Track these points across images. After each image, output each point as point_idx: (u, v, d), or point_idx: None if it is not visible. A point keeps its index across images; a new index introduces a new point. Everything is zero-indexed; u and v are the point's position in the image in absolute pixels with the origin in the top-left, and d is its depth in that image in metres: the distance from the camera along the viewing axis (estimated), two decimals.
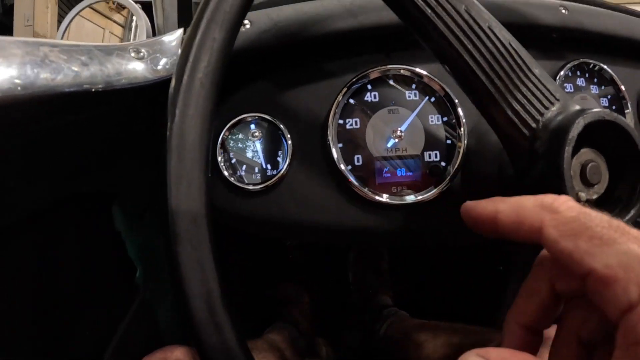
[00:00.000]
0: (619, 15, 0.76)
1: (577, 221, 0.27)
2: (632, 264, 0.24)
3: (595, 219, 0.27)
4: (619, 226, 0.26)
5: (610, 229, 0.26)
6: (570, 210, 0.28)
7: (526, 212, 0.30)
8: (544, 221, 0.29)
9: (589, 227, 0.26)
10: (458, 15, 0.41)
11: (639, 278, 0.24)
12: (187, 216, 0.34)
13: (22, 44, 0.40)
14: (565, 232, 0.27)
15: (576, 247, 0.26)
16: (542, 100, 0.43)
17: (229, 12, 0.37)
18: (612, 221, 0.27)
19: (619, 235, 0.25)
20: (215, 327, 0.33)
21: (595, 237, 0.26)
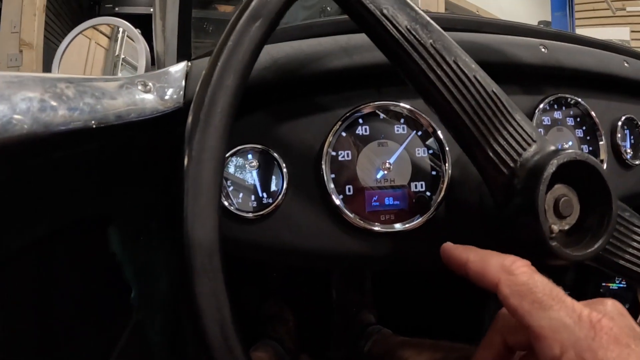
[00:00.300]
0: (595, 52, 0.81)
1: (525, 285, 0.35)
2: (558, 328, 0.32)
3: (540, 285, 0.35)
4: (557, 295, 0.34)
5: (550, 296, 0.34)
6: (523, 275, 0.36)
7: (489, 268, 0.38)
8: (500, 279, 0.37)
9: (533, 292, 0.35)
10: (447, 65, 0.45)
11: (561, 339, 0.32)
12: (202, 251, 0.37)
13: (41, 80, 0.42)
14: (515, 292, 0.36)
15: (521, 306, 0.35)
16: (521, 142, 0.47)
17: (241, 61, 0.40)
18: (554, 289, 0.35)
19: (555, 303, 0.33)
20: (228, 350, 0.36)
21: (537, 301, 0.34)
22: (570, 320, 0.32)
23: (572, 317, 0.32)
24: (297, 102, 0.63)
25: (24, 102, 0.39)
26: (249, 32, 0.40)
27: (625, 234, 0.49)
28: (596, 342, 0.31)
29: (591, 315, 0.32)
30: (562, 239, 0.46)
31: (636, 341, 0.31)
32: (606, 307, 0.34)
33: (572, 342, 0.31)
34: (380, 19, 0.43)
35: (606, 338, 0.31)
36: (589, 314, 0.32)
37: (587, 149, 0.78)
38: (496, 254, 0.40)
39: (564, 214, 0.46)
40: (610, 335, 0.31)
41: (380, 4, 0.43)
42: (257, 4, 0.41)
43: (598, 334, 0.31)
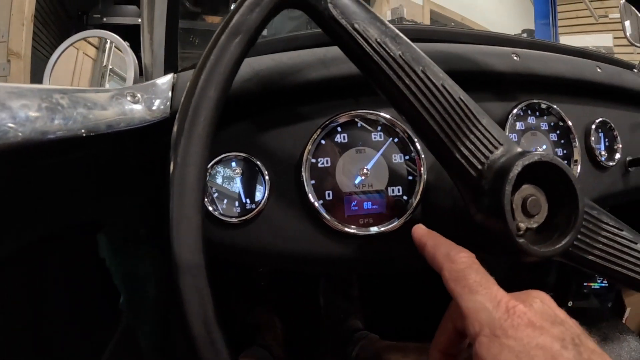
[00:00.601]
0: (567, 59, 0.84)
1: (461, 272, 0.42)
2: (480, 309, 0.38)
3: (474, 274, 0.41)
4: (485, 283, 0.40)
5: (479, 284, 0.40)
6: (462, 264, 0.43)
7: (438, 254, 0.46)
8: (444, 265, 0.44)
9: (466, 278, 0.41)
10: (415, 75, 0.47)
11: (480, 319, 0.38)
12: (186, 250, 0.40)
13: (38, 91, 0.44)
14: (453, 277, 0.42)
15: (455, 289, 0.41)
16: (487, 146, 0.49)
17: (222, 74, 0.43)
18: (484, 279, 0.41)
19: (482, 289, 0.40)
20: (210, 343, 0.39)
21: (467, 286, 0.41)
22: (490, 304, 0.38)
23: (492, 302, 0.38)
24: (278, 112, 0.65)
25: (22, 110, 0.42)
26: (229, 48, 0.43)
27: (593, 231, 0.52)
28: (508, 323, 0.36)
29: (509, 302, 0.38)
30: (531, 236, 0.48)
31: (553, 324, 0.36)
32: (528, 297, 0.39)
33: (488, 321, 0.37)
34: (351, 34, 0.46)
35: (519, 321, 0.36)
36: (507, 301, 0.38)
37: (562, 152, 0.81)
38: (448, 243, 0.47)
39: (532, 212, 0.48)
40: (524, 318, 0.36)
41: (352, 19, 0.46)
42: (237, 21, 0.43)
43: (511, 317, 0.36)
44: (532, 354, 0.34)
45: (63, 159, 0.52)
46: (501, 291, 0.40)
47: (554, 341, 0.35)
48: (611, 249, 0.53)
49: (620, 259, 0.53)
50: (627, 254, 0.53)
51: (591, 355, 0.35)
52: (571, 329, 0.37)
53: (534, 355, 0.34)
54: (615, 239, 0.53)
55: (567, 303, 1.37)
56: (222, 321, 0.40)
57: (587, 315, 1.33)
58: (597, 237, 0.52)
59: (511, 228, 0.45)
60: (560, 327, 0.36)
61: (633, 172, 0.91)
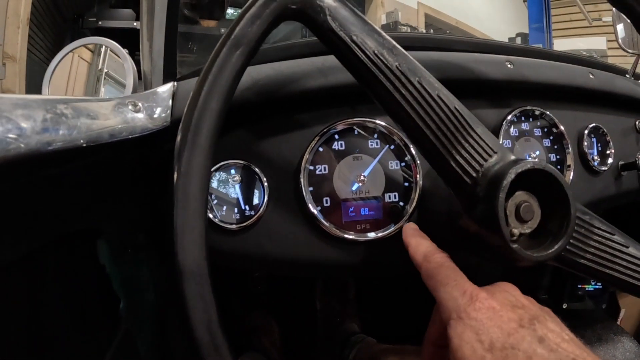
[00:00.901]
0: (560, 66, 0.85)
1: (435, 270, 0.48)
2: (449, 299, 0.44)
3: (445, 271, 0.47)
4: (455, 277, 0.45)
5: (450, 278, 0.46)
6: (436, 262, 0.48)
7: (417, 254, 0.52)
8: (421, 264, 0.50)
9: (440, 274, 0.47)
10: (412, 86, 0.48)
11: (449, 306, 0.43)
12: (190, 257, 0.41)
13: (42, 102, 0.45)
14: (428, 274, 0.48)
15: (431, 283, 0.47)
16: (482, 154, 0.50)
17: (224, 85, 0.44)
18: (453, 274, 0.46)
19: (451, 282, 0.45)
20: (215, 349, 0.40)
21: (439, 281, 0.46)
22: (458, 293, 0.43)
23: (459, 291, 0.44)
24: (277, 120, 0.66)
25: (27, 122, 0.42)
26: (231, 60, 0.44)
27: (585, 235, 0.53)
28: (471, 307, 0.41)
29: (473, 291, 0.43)
30: (525, 241, 0.49)
31: (514, 308, 0.41)
32: (493, 287, 0.45)
33: (455, 307, 0.43)
34: (350, 45, 0.47)
35: (480, 305, 0.41)
36: (472, 291, 0.43)
37: (555, 157, 0.82)
38: (427, 245, 0.53)
39: (525, 218, 0.48)
40: (485, 303, 0.41)
41: (350, 31, 0.47)
42: (238, 34, 0.45)
43: (474, 302, 0.42)
44: (489, 332, 0.39)
45: (66, 168, 0.52)
46: (468, 283, 0.45)
47: (512, 321, 0.40)
48: (603, 252, 0.53)
49: (612, 262, 0.54)
50: (618, 257, 0.54)
51: (547, 333, 0.39)
52: (531, 312, 0.42)
53: (492, 332, 0.39)
54: (607, 242, 0.54)
55: (562, 305, 1.37)
56: (225, 326, 0.41)
57: (581, 317, 1.34)
58: (589, 241, 0.53)
59: (505, 234, 0.46)
60: (520, 310, 0.41)
61: (625, 176, 0.92)
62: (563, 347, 0.38)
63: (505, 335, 0.39)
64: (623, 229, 0.57)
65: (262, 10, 0.45)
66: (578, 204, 0.52)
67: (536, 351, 0.37)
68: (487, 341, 0.39)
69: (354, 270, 0.69)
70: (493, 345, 0.38)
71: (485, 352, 0.38)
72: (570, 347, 0.38)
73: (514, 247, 0.46)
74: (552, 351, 0.37)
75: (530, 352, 0.37)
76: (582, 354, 0.38)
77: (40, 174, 0.49)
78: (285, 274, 1.09)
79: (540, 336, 0.39)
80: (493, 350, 0.38)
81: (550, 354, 0.37)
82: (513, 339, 0.38)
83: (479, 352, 0.39)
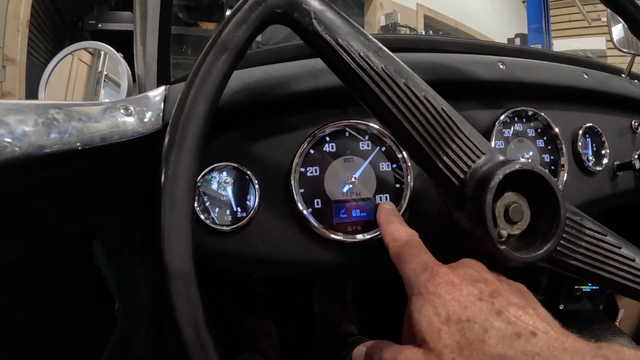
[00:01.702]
0: (554, 66, 0.86)
1: (400, 248, 0.49)
2: (412, 274, 0.45)
3: (409, 247, 0.49)
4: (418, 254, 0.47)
5: (413, 255, 0.47)
6: (401, 241, 0.51)
7: (386, 234, 0.54)
8: (389, 243, 0.52)
9: (404, 252, 0.48)
10: (398, 88, 0.48)
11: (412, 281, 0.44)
12: (177, 258, 0.41)
13: (35, 107, 0.46)
14: (394, 252, 0.50)
15: (397, 261, 0.49)
16: (470, 155, 0.50)
17: (210, 89, 0.44)
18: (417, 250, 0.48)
19: (414, 258, 0.46)
20: (200, 347, 0.41)
21: (404, 258, 0.48)
22: (420, 269, 0.44)
23: (421, 267, 0.45)
24: (268, 122, 0.67)
25: (19, 126, 0.43)
26: (217, 64, 0.45)
27: (576, 236, 0.52)
28: (430, 282, 0.42)
29: (435, 266, 0.44)
30: (514, 242, 0.49)
31: (474, 283, 0.42)
32: (456, 263, 0.46)
33: (416, 283, 0.44)
34: (335, 49, 0.47)
35: (439, 280, 0.42)
36: (434, 266, 0.44)
37: (549, 158, 0.83)
38: (395, 223, 0.55)
39: (514, 219, 0.48)
40: (444, 278, 0.42)
41: (336, 34, 0.47)
42: (224, 38, 0.45)
43: (434, 277, 0.42)
44: (447, 305, 0.40)
45: (60, 171, 0.53)
46: (432, 260, 0.46)
47: (470, 295, 0.40)
48: (594, 253, 0.53)
49: (604, 263, 0.54)
50: (610, 258, 0.54)
51: (508, 306, 0.39)
52: (492, 286, 0.42)
53: (449, 306, 0.40)
54: (598, 243, 0.54)
55: (559, 306, 1.37)
56: (212, 326, 0.42)
57: (579, 317, 1.34)
58: (580, 242, 0.53)
59: (492, 235, 0.46)
60: (480, 284, 0.42)
61: (621, 176, 0.92)
62: (523, 319, 0.38)
63: (462, 308, 0.39)
64: (619, 229, 0.57)
65: (248, 14, 0.45)
66: (569, 205, 0.52)
67: (493, 324, 0.38)
68: (444, 314, 0.39)
69: (345, 271, 0.69)
70: (449, 318, 0.39)
71: (441, 325, 0.39)
72: (531, 319, 0.38)
73: (501, 248, 0.46)
74: (509, 323, 0.38)
75: (487, 324, 0.38)
76: (544, 327, 0.38)
77: (35, 176, 0.50)
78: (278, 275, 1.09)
79: (498, 309, 0.39)
80: (449, 322, 0.39)
81: (507, 327, 0.37)
82: (470, 311, 0.39)
83: (436, 325, 0.39)
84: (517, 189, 0.50)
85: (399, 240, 0.51)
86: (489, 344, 0.37)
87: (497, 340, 0.37)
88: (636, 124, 0.97)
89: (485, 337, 0.37)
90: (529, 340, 0.36)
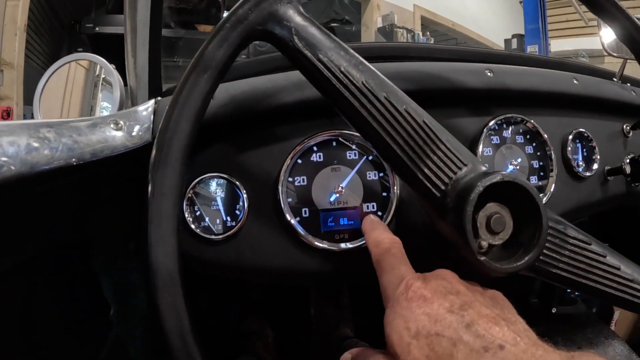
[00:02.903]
0: (543, 72, 0.86)
1: (381, 256, 0.50)
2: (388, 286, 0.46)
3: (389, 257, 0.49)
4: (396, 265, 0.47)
5: (392, 265, 0.48)
6: (382, 248, 0.51)
7: (370, 240, 0.54)
8: (371, 249, 0.52)
9: (385, 261, 0.49)
10: (378, 102, 0.49)
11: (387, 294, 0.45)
12: (163, 270, 0.43)
13: (26, 127, 0.48)
14: (375, 259, 0.51)
15: (377, 269, 0.50)
16: (451, 166, 0.50)
17: (193, 107, 0.46)
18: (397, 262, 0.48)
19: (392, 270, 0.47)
20: (187, 355, 0.42)
21: (383, 267, 0.48)
22: (395, 281, 0.45)
23: (397, 280, 0.45)
24: (255, 134, 0.68)
25: (12, 147, 0.45)
26: (199, 83, 0.46)
27: (559, 245, 0.53)
28: (403, 296, 0.43)
29: (409, 280, 0.44)
30: (497, 252, 0.49)
31: (445, 296, 0.42)
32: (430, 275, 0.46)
33: (392, 295, 0.44)
34: (315, 64, 0.48)
35: (412, 294, 0.42)
36: (409, 279, 0.44)
37: (538, 164, 0.83)
38: (379, 231, 0.55)
39: (496, 230, 0.49)
40: (417, 292, 0.42)
41: (316, 49, 0.48)
42: (206, 57, 0.46)
43: (407, 291, 0.43)
44: (417, 319, 0.40)
45: (54, 185, 0.55)
46: (409, 271, 0.47)
47: (440, 308, 0.40)
48: (578, 262, 0.54)
49: (588, 272, 0.54)
50: (595, 267, 0.54)
51: (478, 318, 0.39)
52: (464, 298, 0.42)
53: (419, 320, 0.40)
54: (582, 252, 0.54)
55: (552, 309, 1.37)
56: (200, 335, 0.43)
57: (572, 320, 1.33)
58: (563, 251, 0.53)
59: (472, 246, 0.46)
60: (452, 296, 0.42)
61: (612, 181, 0.92)
62: (492, 332, 0.38)
63: (432, 323, 0.39)
64: (610, 233, 0.57)
65: (229, 33, 0.46)
66: (552, 214, 0.53)
67: (462, 337, 0.38)
68: (414, 328, 0.40)
69: (331, 279, 0.70)
70: (419, 333, 0.39)
71: (411, 339, 0.39)
72: (500, 332, 0.38)
73: (481, 259, 0.47)
74: (478, 337, 0.38)
75: (456, 338, 0.38)
76: (513, 339, 0.38)
77: (31, 191, 0.51)
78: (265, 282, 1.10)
79: (468, 322, 0.39)
80: (418, 337, 0.39)
81: (476, 340, 0.37)
82: (439, 325, 0.39)
83: (405, 339, 0.40)
84: (500, 199, 0.50)
85: (380, 247, 0.52)
86: (457, 358, 0.37)
87: (465, 355, 0.37)
88: (627, 128, 0.97)
89: (454, 351, 0.37)
90: (496, 354, 0.36)
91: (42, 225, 0.63)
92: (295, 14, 0.48)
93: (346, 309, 1.46)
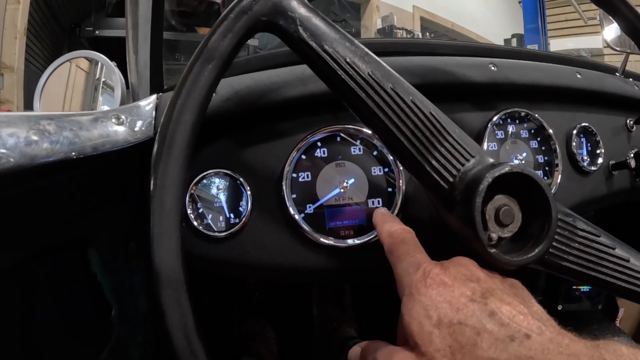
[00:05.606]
0: (546, 66, 0.85)
1: (394, 245, 0.49)
2: (404, 274, 0.45)
3: (403, 247, 0.48)
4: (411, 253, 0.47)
5: (406, 253, 0.47)
6: (396, 238, 0.50)
7: (382, 231, 0.53)
8: (384, 240, 0.52)
9: (398, 250, 0.48)
10: (385, 93, 0.48)
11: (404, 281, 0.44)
12: (167, 265, 0.42)
13: (26, 118, 0.47)
14: (388, 250, 0.50)
15: (390, 258, 0.49)
16: (459, 158, 0.50)
17: (197, 98, 0.45)
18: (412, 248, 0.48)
19: (408, 257, 0.46)
20: (191, 353, 0.41)
21: (397, 256, 0.48)
22: (412, 269, 0.44)
23: (414, 267, 0.44)
24: (259, 129, 0.67)
25: (12, 138, 0.44)
26: (204, 73, 0.45)
27: (569, 238, 0.52)
28: (422, 283, 0.42)
29: (427, 266, 0.43)
30: (506, 245, 0.49)
31: (466, 282, 0.41)
32: (449, 262, 0.45)
33: (408, 283, 0.43)
34: (321, 55, 0.48)
35: (431, 281, 0.41)
36: (426, 266, 0.43)
37: (542, 158, 0.82)
38: (391, 222, 0.54)
39: (505, 222, 0.48)
40: (436, 279, 0.41)
41: (321, 40, 0.47)
42: (210, 48, 0.45)
43: (426, 278, 0.42)
44: (438, 307, 0.39)
45: (54, 180, 0.54)
46: (425, 258, 0.46)
47: (462, 296, 0.40)
48: (588, 254, 0.53)
49: (598, 264, 0.53)
50: (604, 259, 0.53)
51: (501, 306, 0.38)
52: (485, 285, 0.41)
53: (440, 308, 0.39)
54: (591, 244, 0.53)
55: (557, 306, 1.37)
56: (203, 332, 0.42)
57: (578, 318, 1.33)
58: (573, 243, 0.52)
59: (482, 239, 0.46)
60: (473, 284, 0.41)
61: (617, 175, 0.92)
62: (516, 320, 0.37)
63: (454, 311, 0.39)
64: (616, 228, 0.56)
65: (233, 23, 0.46)
66: (561, 206, 0.52)
67: (485, 326, 0.37)
68: (435, 317, 0.39)
69: (337, 276, 0.69)
70: (441, 321, 0.38)
71: (432, 328, 0.38)
72: (525, 320, 0.37)
73: (491, 252, 0.46)
74: (502, 325, 0.37)
75: (479, 327, 0.37)
76: (538, 328, 0.37)
77: (30, 185, 0.50)
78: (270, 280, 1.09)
79: (491, 310, 0.38)
80: (440, 326, 0.38)
81: (500, 329, 0.37)
82: (462, 314, 0.38)
83: (427, 328, 0.39)
84: (508, 191, 0.49)
85: (394, 237, 0.50)
86: (482, 348, 0.36)
87: (490, 344, 0.36)
88: (631, 123, 0.97)
89: (478, 341, 0.37)
90: (523, 343, 0.36)
91: (42, 221, 0.62)
92: (299, 5, 0.48)
93: (349, 309, 1.46)
